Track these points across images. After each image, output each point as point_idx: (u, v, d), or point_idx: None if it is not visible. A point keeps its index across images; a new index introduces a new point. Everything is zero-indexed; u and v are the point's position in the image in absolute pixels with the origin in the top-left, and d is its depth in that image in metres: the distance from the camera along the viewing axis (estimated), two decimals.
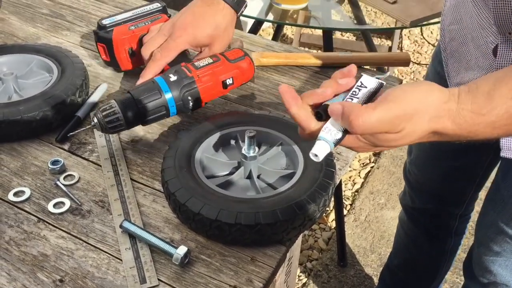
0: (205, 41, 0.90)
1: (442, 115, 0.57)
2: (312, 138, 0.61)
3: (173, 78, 0.83)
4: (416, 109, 0.57)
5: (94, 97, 0.93)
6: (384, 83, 0.63)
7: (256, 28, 1.71)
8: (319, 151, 0.58)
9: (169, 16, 1.01)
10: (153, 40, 0.90)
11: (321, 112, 0.61)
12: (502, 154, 0.87)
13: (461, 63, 0.93)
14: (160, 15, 0.99)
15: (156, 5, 1.00)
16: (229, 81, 0.87)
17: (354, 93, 0.62)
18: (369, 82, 0.63)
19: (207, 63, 0.86)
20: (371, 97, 0.62)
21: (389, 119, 0.56)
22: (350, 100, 0.61)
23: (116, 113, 0.79)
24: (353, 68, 0.64)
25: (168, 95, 0.82)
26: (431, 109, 0.57)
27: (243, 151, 0.75)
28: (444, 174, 1.19)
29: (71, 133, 0.85)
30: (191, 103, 0.84)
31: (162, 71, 0.89)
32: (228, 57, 0.88)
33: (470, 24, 0.88)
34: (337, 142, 0.59)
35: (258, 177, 0.77)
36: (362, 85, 0.62)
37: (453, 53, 0.96)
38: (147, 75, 0.87)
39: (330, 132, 0.59)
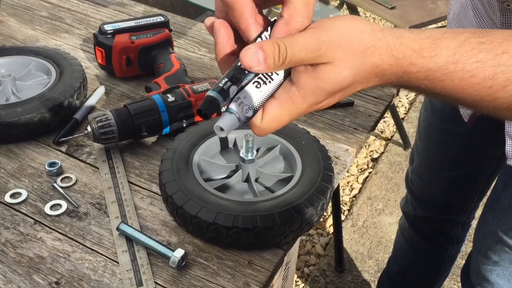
0: None
1: (378, 45, 0.48)
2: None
3: (171, 98, 0.84)
4: (346, 35, 0.48)
5: (92, 100, 0.93)
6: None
7: None
8: (226, 123, 0.47)
9: (171, 31, 1.01)
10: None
11: (202, 110, 0.47)
12: (509, 162, 0.87)
13: None
14: (162, 29, 1.00)
15: (160, 18, 1.01)
16: None
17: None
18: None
19: (205, 88, 0.87)
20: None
21: (314, 43, 0.46)
22: (256, 85, 0.48)
23: (111, 125, 0.80)
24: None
25: (164, 115, 0.83)
26: (364, 36, 0.48)
27: (241, 154, 0.75)
28: (446, 183, 1.19)
29: (63, 139, 0.85)
30: (184, 125, 0.85)
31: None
32: None
33: None
34: (247, 120, 0.48)
35: (256, 180, 0.77)
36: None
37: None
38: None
39: (241, 106, 0.47)
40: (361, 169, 2.21)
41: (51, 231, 0.72)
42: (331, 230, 1.92)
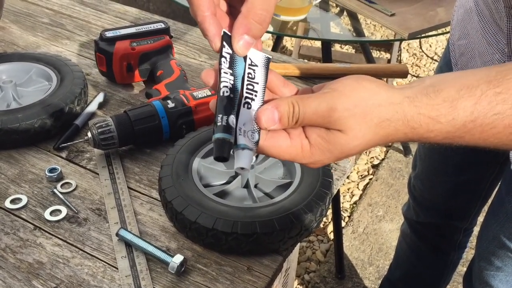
0: None
1: (394, 118, 0.49)
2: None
3: (171, 105, 0.84)
4: (361, 106, 0.49)
5: (93, 106, 0.94)
6: (271, 57, 0.52)
7: None
8: (244, 161, 0.47)
9: (171, 37, 1.02)
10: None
11: (222, 156, 0.47)
12: None
13: None
14: (163, 36, 1.00)
15: (160, 25, 1.02)
16: None
17: (250, 76, 0.49)
18: (257, 57, 0.50)
19: (205, 95, 0.87)
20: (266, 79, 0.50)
21: (326, 109, 0.48)
22: (250, 87, 0.49)
23: (111, 131, 0.80)
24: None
25: (164, 121, 0.83)
26: (381, 110, 0.49)
27: None
28: (449, 189, 1.19)
29: (63, 144, 0.85)
30: (184, 131, 0.85)
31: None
32: None
33: (477, 39, 0.87)
34: (256, 144, 0.48)
35: (255, 186, 0.77)
36: (252, 64, 0.50)
37: (464, 68, 0.94)
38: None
39: (246, 134, 0.47)
40: (361, 175, 2.21)
41: (51, 237, 0.72)
42: (331, 236, 1.91)
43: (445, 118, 0.50)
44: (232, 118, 0.46)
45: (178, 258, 0.67)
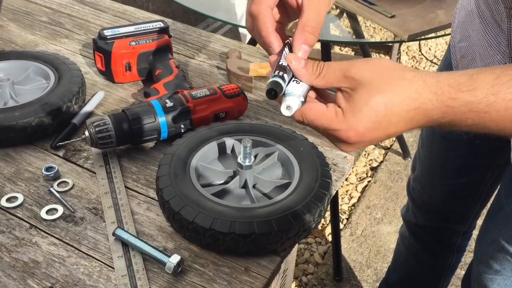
0: None
1: (414, 80, 0.53)
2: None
3: (169, 104, 0.84)
4: (377, 67, 0.55)
5: (91, 105, 0.93)
6: None
7: (254, 39, 1.71)
8: (291, 103, 0.57)
9: (170, 37, 1.02)
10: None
11: (274, 89, 0.57)
12: None
13: None
14: (162, 35, 1.00)
15: (159, 24, 1.01)
16: (222, 115, 0.88)
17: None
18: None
19: (204, 94, 0.87)
20: None
21: (347, 65, 0.55)
22: (296, 82, 0.59)
23: (109, 130, 0.79)
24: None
25: (162, 120, 0.82)
26: (396, 71, 0.54)
27: (239, 160, 0.74)
28: (448, 191, 1.18)
29: (61, 143, 0.84)
30: (182, 130, 0.85)
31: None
32: (225, 92, 0.88)
33: (478, 41, 0.87)
34: (301, 104, 0.58)
35: (254, 186, 0.76)
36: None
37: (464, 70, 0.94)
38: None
39: (293, 92, 0.58)
40: (360, 178, 2.21)
41: (47, 236, 0.72)
42: (329, 238, 1.91)
43: (465, 87, 0.52)
44: (285, 75, 0.57)
45: (175, 258, 0.66)
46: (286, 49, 0.62)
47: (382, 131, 0.55)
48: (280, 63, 0.59)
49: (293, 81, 0.58)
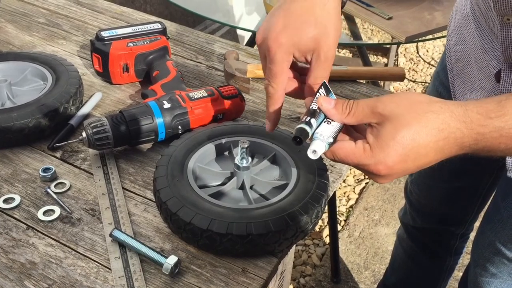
0: (309, 46, 0.68)
1: (440, 111, 0.55)
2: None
3: (166, 105, 0.84)
4: (403, 102, 0.56)
5: (88, 106, 0.93)
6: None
7: (253, 41, 1.72)
8: (317, 147, 0.59)
9: (168, 38, 1.02)
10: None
11: (299, 137, 0.60)
12: (509, 174, 0.86)
13: (466, 84, 0.92)
14: (160, 36, 1.00)
15: (157, 26, 1.01)
16: (219, 116, 0.88)
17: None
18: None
19: (201, 96, 0.87)
20: None
21: (374, 101, 0.57)
22: (327, 123, 0.62)
23: (106, 131, 0.79)
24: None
25: (159, 121, 0.82)
26: (423, 104, 0.56)
27: (236, 162, 0.74)
28: (446, 194, 1.18)
29: (58, 144, 0.84)
30: (180, 132, 0.85)
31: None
32: (223, 93, 0.89)
33: (473, 45, 0.87)
34: (329, 146, 0.60)
35: (251, 187, 0.76)
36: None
37: (459, 74, 0.94)
38: (271, 116, 0.70)
39: (322, 136, 0.60)
40: (357, 179, 2.21)
41: (44, 237, 0.71)
42: (327, 240, 1.91)
43: (494, 113, 0.53)
44: (313, 120, 0.60)
45: (172, 259, 0.66)
46: (321, 90, 0.64)
47: (412, 163, 0.57)
48: (311, 107, 0.62)
49: (325, 121, 0.61)
